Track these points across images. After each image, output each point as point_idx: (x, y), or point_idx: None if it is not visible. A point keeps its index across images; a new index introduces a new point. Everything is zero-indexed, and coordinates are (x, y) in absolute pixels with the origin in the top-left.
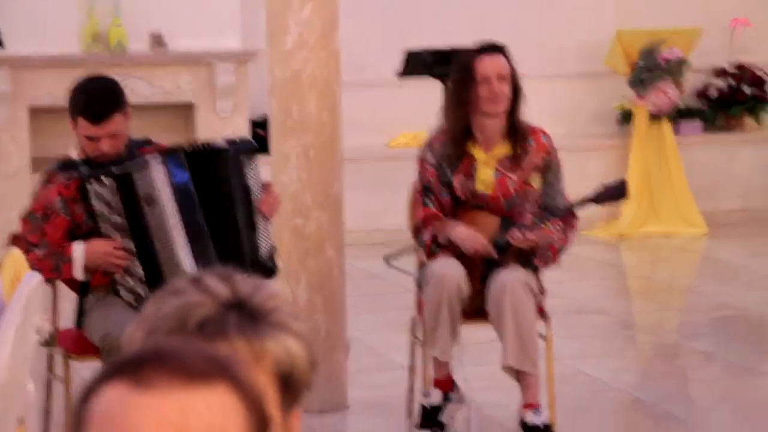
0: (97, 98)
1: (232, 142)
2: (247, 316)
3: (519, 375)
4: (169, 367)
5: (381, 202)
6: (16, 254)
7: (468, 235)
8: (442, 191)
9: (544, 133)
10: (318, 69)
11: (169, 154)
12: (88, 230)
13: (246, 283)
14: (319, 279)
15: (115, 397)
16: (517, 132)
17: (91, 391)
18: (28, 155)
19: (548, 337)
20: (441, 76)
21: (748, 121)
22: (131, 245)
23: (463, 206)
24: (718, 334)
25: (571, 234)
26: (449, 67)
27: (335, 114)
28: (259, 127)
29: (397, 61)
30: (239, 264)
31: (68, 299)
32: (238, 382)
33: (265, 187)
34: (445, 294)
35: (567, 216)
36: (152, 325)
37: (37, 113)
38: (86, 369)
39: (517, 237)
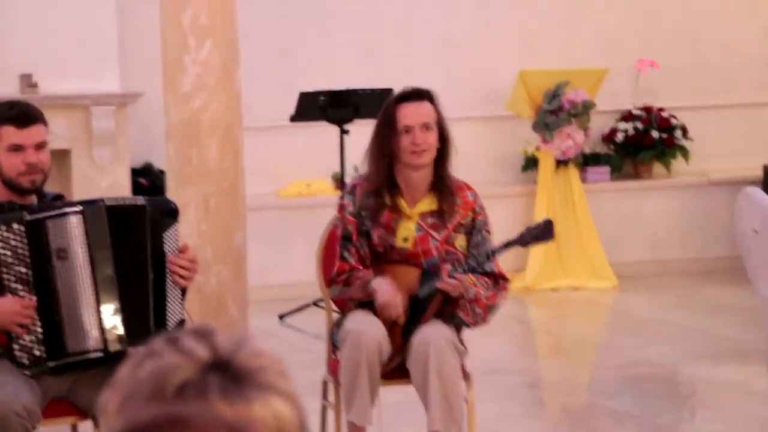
0: (22, 106)
1: (150, 200)
2: (230, 377)
3: None
4: None
5: (270, 256)
6: None
7: (387, 287)
8: (362, 242)
9: (471, 189)
10: (219, 112)
11: (88, 205)
12: None
13: (228, 340)
14: None
15: None
16: (443, 186)
17: None
18: None
19: (470, 399)
20: (336, 120)
21: (657, 167)
22: (34, 300)
23: (380, 259)
24: (630, 392)
25: (502, 293)
26: (344, 110)
27: (238, 159)
28: (140, 175)
29: (286, 104)
30: (145, 334)
31: None
32: None
33: (182, 249)
34: (364, 354)
35: (495, 275)
36: (129, 389)
37: None
38: None
39: (446, 281)
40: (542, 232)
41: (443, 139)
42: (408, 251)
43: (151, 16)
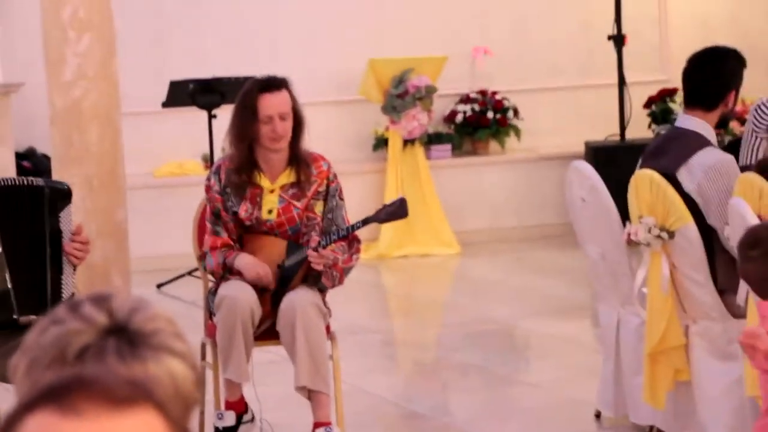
0: None
1: (48, 183)
2: (126, 340)
3: (311, 394)
4: (95, 393)
5: (148, 231)
6: None
7: (250, 262)
8: (229, 218)
9: (324, 160)
10: (98, 99)
11: None
12: None
13: (123, 306)
14: None
15: (43, 425)
16: (299, 160)
17: (14, 420)
18: None
19: (335, 357)
20: (204, 106)
21: (493, 144)
22: None
23: (250, 231)
24: (474, 347)
25: (355, 255)
26: (212, 97)
27: (117, 143)
28: (24, 158)
29: (159, 91)
30: (40, 304)
31: None
32: (162, 405)
33: (76, 231)
34: (239, 317)
35: (350, 238)
36: (34, 354)
37: None
38: None
39: (312, 255)
40: (397, 210)
41: (297, 120)
42: (274, 222)
43: (28, 15)
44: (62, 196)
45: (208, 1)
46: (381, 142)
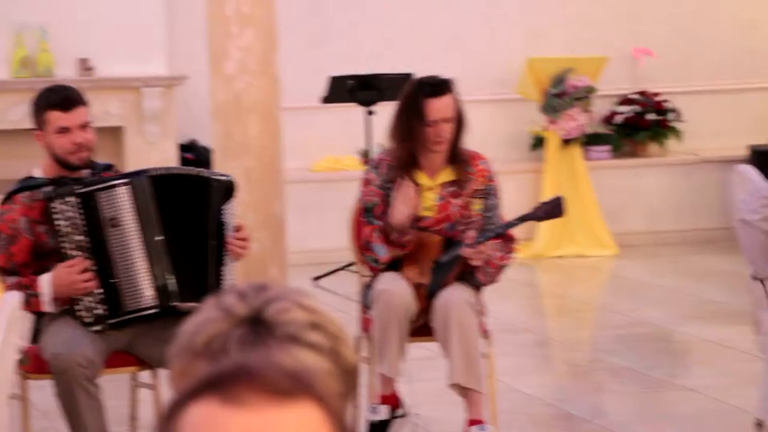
0: (64, 91)
1: (216, 176)
2: (253, 331)
3: (465, 392)
4: (258, 384)
5: (305, 225)
6: None
7: (397, 207)
8: (387, 211)
9: (483, 158)
10: (259, 93)
11: (133, 177)
12: (50, 250)
13: (263, 295)
14: None
15: (205, 414)
16: (459, 159)
17: (178, 408)
18: None
19: (490, 355)
20: (363, 102)
21: (652, 146)
22: (92, 265)
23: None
24: (628, 349)
25: (510, 253)
26: (370, 93)
27: (276, 137)
28: (187, 150)
29: (318, 86)
30: (201, 292)
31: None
32: (322, 398)
33: (237, 228)
34: (394, 311)
35: (506, 237)
36: (178, 342)
37: None
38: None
39: (467, 251)
40: (554, 209)
41: (459, 120)
42: (432, 219)
43: (193, 9)
44: (228, 189)
45: (364, 1)
46: (538, 142)
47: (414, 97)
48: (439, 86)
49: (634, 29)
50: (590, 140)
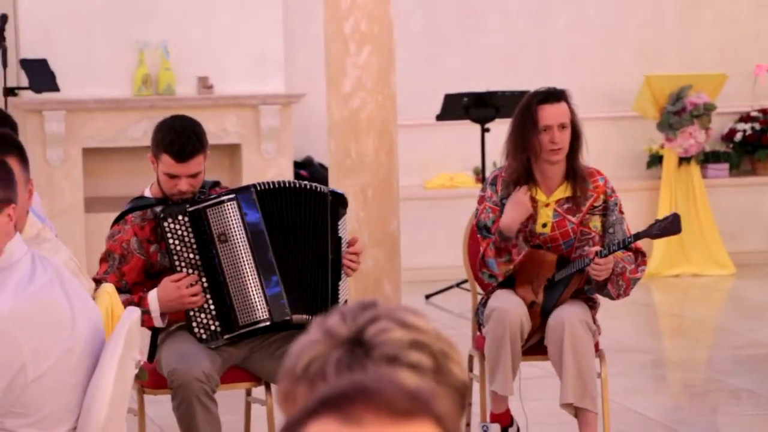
0: (184, 137)
1: (330, 190)
2: (351, 353)
3: (578, 412)
4: (377, 404)
5: (417, 242)
6: (109, 289)
7: (510, 214)
8: None
9: (601, 174)
10: (375, 110)
11: (240, 193)
12: (162, 269)
13: (366, 315)
14: None
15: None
16: (576, 175)
17: (297, 426)
18: (82, 193)
19: (603, 374)
20: (478, 119)
21: None
22: (204, 281)
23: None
24: (747, 371)
25: (642, 267)
26: (485, 110)
27: (392, 154)
28: (302, 167)
29: (433, 104)
30: (320, 307)
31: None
32: (440, 418)
33: (351, 242)
34: (508, 330)
35: (634, 250)
36: (285, 363)
37: (90, 153)
38: (158, 403)
39: (595, 268)
40: (670, 226)
41: (575, 133)
42: (547, 236)
43: (310, 28)
44: (342, 204)
45: (480, 19)
46: (655, 160)
47: (528, 105)
48: (552, 93)
49: (754, 46)
50: (708, 158)
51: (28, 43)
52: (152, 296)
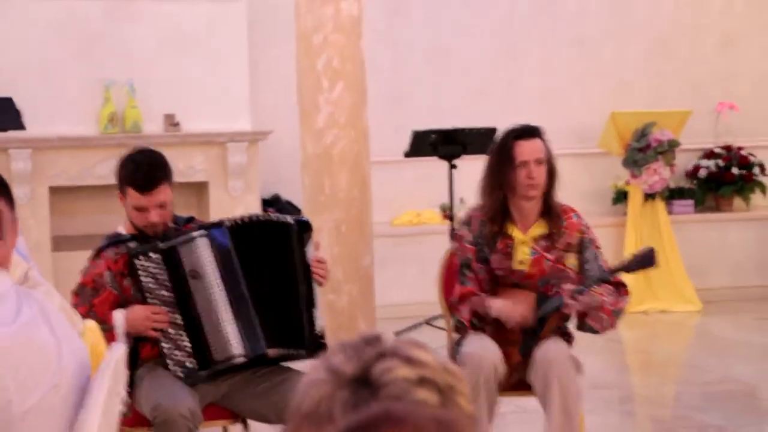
0: (145, 168)
1: (295, 219)
2: (357, 393)
3: None
4: (404, 430)
5: (386, 279)
6: (92, 325)
7: (507, 307)
8: (480, 268)
9: (575, 211)
10: (348, 146)
11: (212, 228)
12: (136, 303)
13: (370, 351)
14: None
15: None
16: (552, 212)
17: None
18: (49, 232)
19: (581, 412)
20: (446, 156)
21: (737, 201)
22: (178, 318)
23: (498, 283)
24: (715, 407)
25: (624, 297)
26: (453, 147)
27: (365, 190)
28: (269, 204)
29: (400, 140)
30: (296, 340)
31: None
32: None
33: (315, 246)
34: (483, 376)
35: (615, 282)
36: (291, 403)
37: (56, 192)
38: None
39: (570, 304)
40: (645, 260)
41: (550, 170)
42: (524, 273)
43: (275, 66)
44: (306, 228)
45: (447, 57)
46: (621, 196)
47: (504, 142)
48: (527, 130)
49: (717, 84)
50: (673, 194)
51: None
52: (118, 313)
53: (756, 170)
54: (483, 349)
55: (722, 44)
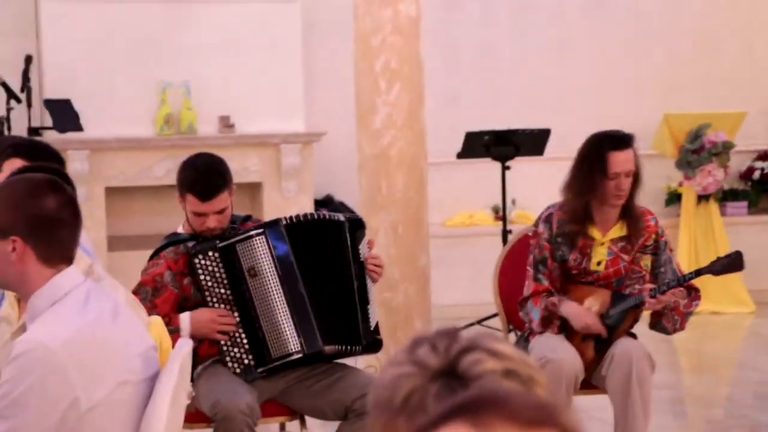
0: (206, 176)
1: (348, 217)
2: (448, 385)
3: None
4: (507, 412)
5: (438, 279)
6: (157, 320)
7: (579, 311)
8: (555, 266)
9: (652, 214)
10: (405, 147)
11: (268, 227)
12: (196, 303)
13: (455, 344)
14: None
15: None
16: (632, 215)
17: (430, 428)
18: (105, 232)
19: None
20: (499, 157)
21: None
22: (236, 316)
23: (573, 281)
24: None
25: (695, 302)
26: (506, 148)
27: (422, 190)
28: (322, 205)
29: (453, 142)
30: (352, 336)
31: None
32: (568, 429)
33: (370, 245)
34: (564, 383)
35: (688, 286)
36: (375, 394)
37: (113, 192)
38: None
39: (650, 301)
40: (733, 262)
41: (635, 176)
42: (600, 273)
43: (330, 67)
44: (360, 226)
45: (500, 56)
46: (674, 197)
47: (597, 150)
48: (622, 139)
49: None
50: (727, 196)
51: (51, 84)
52: (184, 316)
53: None
54: (564, 352)
55: None
